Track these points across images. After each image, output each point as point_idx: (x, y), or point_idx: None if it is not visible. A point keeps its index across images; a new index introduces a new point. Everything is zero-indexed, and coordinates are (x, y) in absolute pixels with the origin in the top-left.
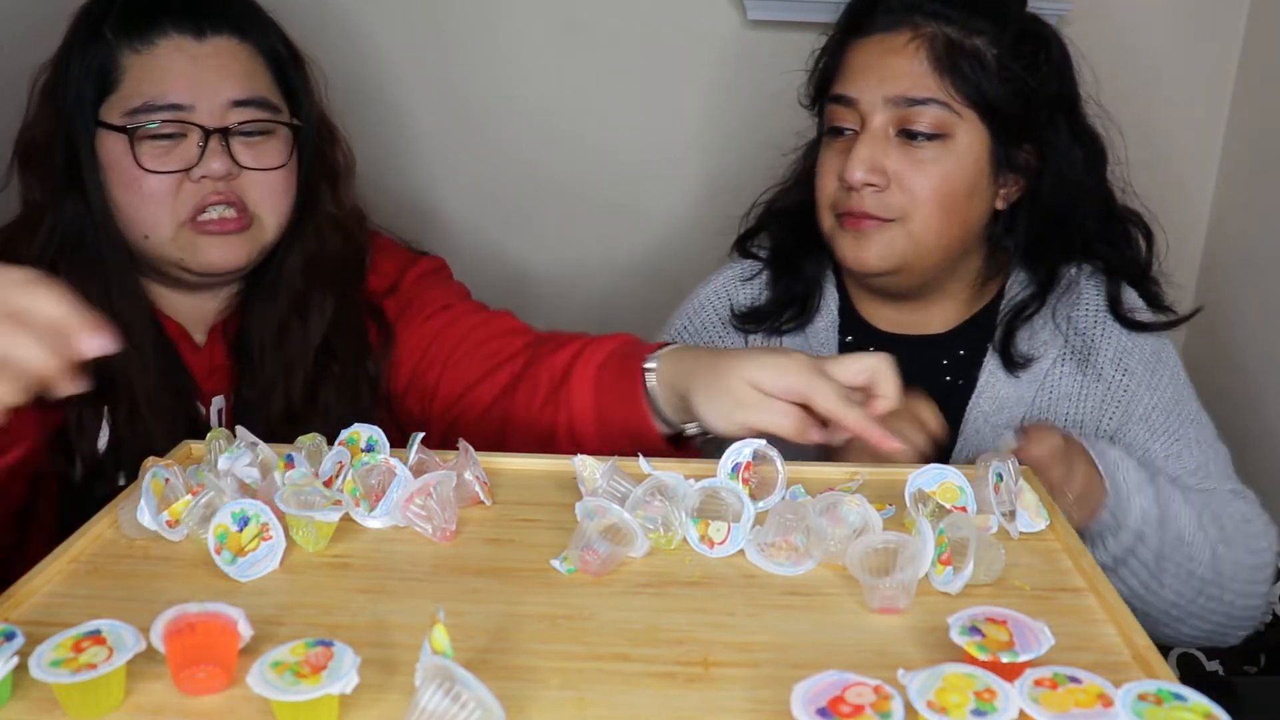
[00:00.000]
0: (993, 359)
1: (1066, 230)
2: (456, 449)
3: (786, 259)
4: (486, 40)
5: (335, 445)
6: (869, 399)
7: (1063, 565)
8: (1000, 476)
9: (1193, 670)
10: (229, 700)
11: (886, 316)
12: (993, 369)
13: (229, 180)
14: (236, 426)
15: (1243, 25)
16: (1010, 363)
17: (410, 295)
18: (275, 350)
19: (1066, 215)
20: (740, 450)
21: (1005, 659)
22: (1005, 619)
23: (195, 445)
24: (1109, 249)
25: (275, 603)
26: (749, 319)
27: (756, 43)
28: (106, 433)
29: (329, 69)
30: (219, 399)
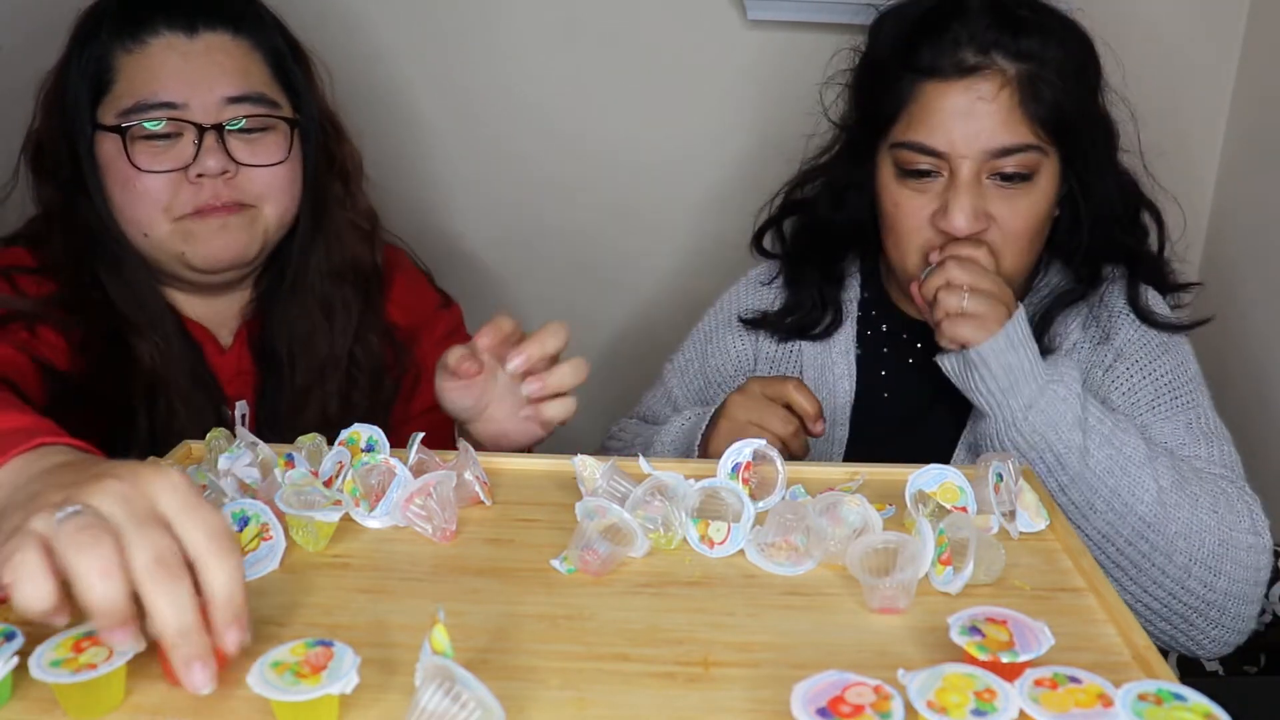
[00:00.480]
0: None
1: (1108, 224)
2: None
3: (804, 269)
4: (486, 39)
5: (335, 445)
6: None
7: (1063, 565)
8: (1000, 476)
9: (1193, 670)
10: (229, 700)
11: (915, 306)
12: None
13: (227, 179)
14: (236, 426)
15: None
16: (1040, 349)
17: (426, 362)
18: (304, 356)
19: (1108, 207)
20: (740, 450)
21: (1005, 659)
22: (1005, 619)
23: (195, 445)
24: (1131, 238)
25: (275, 603)
26: (756, 323)
27: (756, 43)
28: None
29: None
30: (242, 403)
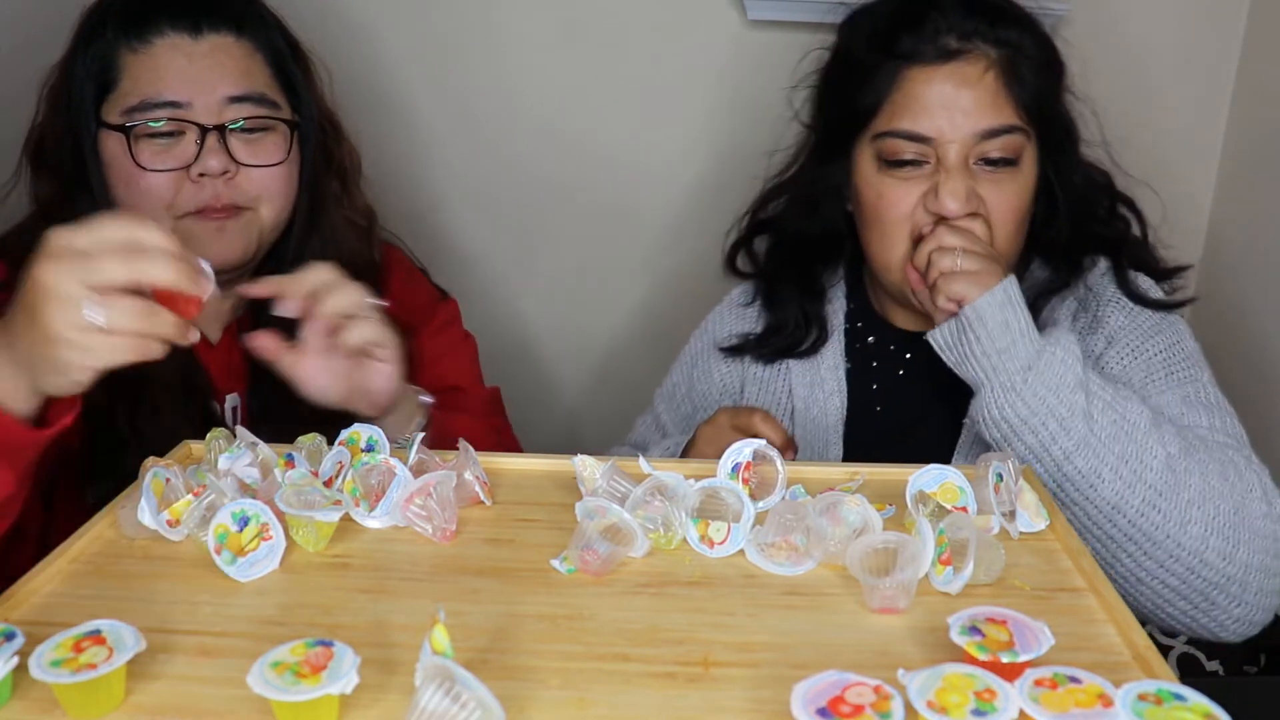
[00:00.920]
0: None
1: (1086, 215)
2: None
3: (782, 287)
4: (486, 39)
5: (335, 445)
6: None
7: (1063, 565)
8: (1000, 476)
9: (1193, 670)
10: (229, 700)
11: (905, 316)
12: None
13: (228, 179)
14: (236, 426)
15: (1243, 20)
16: None
17: (424, 355)
18: None
19: (1083, 198)
20: (740, 450)
21: (1005, 659)
22: (1005, 619)
23: (195, 445)
24: (1110, 229)
25: (275, 603)
26: (738, 349)
27: (756, 43)
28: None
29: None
30: (233, 397)
